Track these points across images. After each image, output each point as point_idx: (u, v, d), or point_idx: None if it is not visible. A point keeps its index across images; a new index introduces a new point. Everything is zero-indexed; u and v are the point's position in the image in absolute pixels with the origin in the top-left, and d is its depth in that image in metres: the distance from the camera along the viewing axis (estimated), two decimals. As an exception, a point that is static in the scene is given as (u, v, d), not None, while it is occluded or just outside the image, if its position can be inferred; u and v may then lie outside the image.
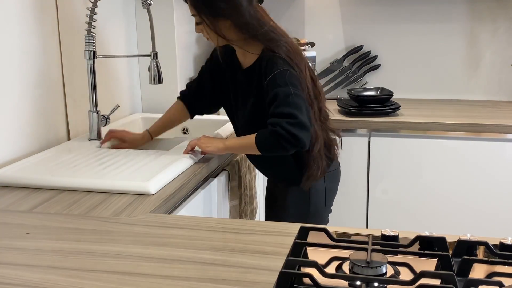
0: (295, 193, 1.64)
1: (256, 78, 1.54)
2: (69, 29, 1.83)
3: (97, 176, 1.40)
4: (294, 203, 1.66)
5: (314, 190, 1.63)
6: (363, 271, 0.86)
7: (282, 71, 1.47)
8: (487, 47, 2.62)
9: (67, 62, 1.83)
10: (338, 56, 2.76)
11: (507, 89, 2.64)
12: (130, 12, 2.25)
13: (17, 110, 1.61)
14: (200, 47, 2.61)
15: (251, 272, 0.90)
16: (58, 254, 0.98)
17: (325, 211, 1.72)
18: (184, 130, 2.18)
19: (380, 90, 2.49)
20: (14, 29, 1.59)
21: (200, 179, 1.53)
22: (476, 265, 0.90)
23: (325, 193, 1.67)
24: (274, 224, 1.12)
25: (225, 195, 1.71)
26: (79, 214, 1.19)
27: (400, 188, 2.29)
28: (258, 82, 1.54)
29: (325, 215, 1.73)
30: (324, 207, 1.70)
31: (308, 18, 2.77)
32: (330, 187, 1.69)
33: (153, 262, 0.94)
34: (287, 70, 1.48)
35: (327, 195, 1.68)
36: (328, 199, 1.70)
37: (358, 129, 2.30)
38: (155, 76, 1.80)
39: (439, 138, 2.22)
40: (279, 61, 1.49)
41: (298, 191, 1.63)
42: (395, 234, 0.99)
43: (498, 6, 2.57)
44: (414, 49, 2.70)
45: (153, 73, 1.80)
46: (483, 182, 2.20)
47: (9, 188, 1.37)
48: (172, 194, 1.33)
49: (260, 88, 1.53)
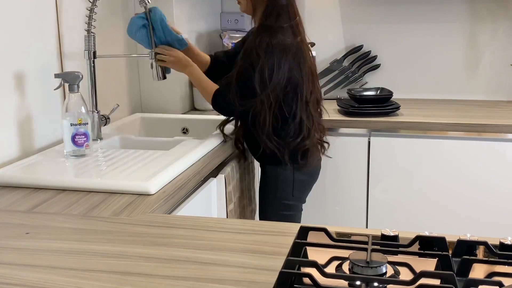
0: (271, 175, 1.81)
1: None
2: (69, 28, 1.83)
3: (97, 176, 1.40)
4: (269, 187, 1.83)
5: (283, 178, 1.79)
6: (363, 271, 0.86)
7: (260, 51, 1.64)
8: (487, 47, 2.62)
9: (67, 62, 1.83)
10: (338, 56, 2.76)
11: (506, 89, 2.64)
12: (129, 12, 2.25)
13: (17, 110, 1.61)
14: (200, 47, 2.61)
15: (251, 272, 0.90)
16: (58, 254, 0.98)
17: (293, 201, 1.84)
18: (184, 130, 2.18)
19: (380, 90, 2.49)
20: (14, 29, 1.59)
21: (200, 179, 1.53)
22: (476, 265, 0.90)
23: (293, 183, 1.80)
24: (274, 224, 1.12)
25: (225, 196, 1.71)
26: (79, 214, 1.19)
27: (400, 188, 2.29)
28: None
29: (294, 205, 1.85)
30: (291, 196, 1.82)
31: (308, 18, 2.77)
32: (300, 179, 1.81)
33: (153, 262, 0.94)
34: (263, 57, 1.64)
35: (295, 185, 1.80)
36: (296, 190, 1.82)
37: (358, 129, 2.30)
38: (158, 73, 1.81)
39: (439, 138, 2.22)
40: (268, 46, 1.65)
41: (272, 174, 1.80)
42: (395, 234, 0.99)
43: (498, 6, 2.57)
44: (414, 49, 2.70)
45: (156, 70, 1.81)
46: (483, 182, 2.20)
47: (9, 188, 1.37)
48: (172, 194, 1.33)
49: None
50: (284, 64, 1.66)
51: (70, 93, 1.55)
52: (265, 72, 1.65)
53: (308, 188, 1.90)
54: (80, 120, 1.54)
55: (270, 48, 1.65)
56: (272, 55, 1.65)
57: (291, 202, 1.83)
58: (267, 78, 1.65)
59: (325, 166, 2.25)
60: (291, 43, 1.69)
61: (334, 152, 2.32)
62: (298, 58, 1.71)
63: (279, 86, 1.67)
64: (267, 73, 1.65)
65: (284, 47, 1.67)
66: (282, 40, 1.67)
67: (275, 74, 1.65)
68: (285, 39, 1.68)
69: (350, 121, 2.29)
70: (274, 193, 1.82)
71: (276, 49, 1.66)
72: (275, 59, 1.65)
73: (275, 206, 1.83)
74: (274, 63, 1.65)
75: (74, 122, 1.54)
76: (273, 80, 1.65)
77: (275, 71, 1.65)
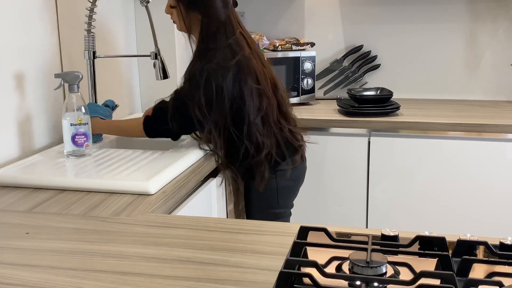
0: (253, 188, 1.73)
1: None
2: (69, 28, 1.83)
3: (97, 176, 1.40)
4: (254, 198, 1.76)
5: (266, 186, 1.70)
6: (363, 271, 0.86)
7: (196, 75, 1.57)
8: (487, 47, 2.62)
9: (67, 62, 1.83)
10: (338, 56, 2.76)
11: (507, 89, 2.64)
12: (129, 12, 2.25)
13: (17, 110, 1.61)
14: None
15: (251, 272, 0.90)
16: (58, 254, 0.98)
17: (279, 208, 1.78)
18: (184, 130, 2.18)
19: (380, 90, 2.49)
20: (14, 28, 1.59)
21: (200, 179, 1.53)
22: (476, 265, 0.90)
23: (278, 191, 1.74)
24: (274, 224, 1.12)
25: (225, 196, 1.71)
26: (79, 214, 1.19)
27: (400, 188, 2.29)
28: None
29: (281, 212, 1.80)
30: (276, 204, 1.76)
31: (308, 18, 2.77)
32: (284, 185, 1.75)
33: (153, 262, 0.94)
34: (201, 86, 1.56)
35: (279, 193, 1.74)
36: (282, 198, 1.76)
37: (358, 129, 2.30)
38: (161, 72, 1.81)
39: (439, 138, 2.22)
40: (203, 74, 1.57)
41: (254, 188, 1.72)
42: (395, 234, 0.99)
43: (498, 6, 2.57)
44: (414, 49, 2.70)
45: (159, 69, 1.81)
46: (483, 182, 2.20)
47: (9, 188, 1.37)
48: (172, 194, 1.33)
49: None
50: (226, 88, 1.57)
51: (70, 93, 1.55)
52: (202, 103, 1.56)
53: (293, 192, 1.83)
54: (80, 120, 1.54)
55: (204, 73, 1.56)
56: (209, 82, 1.56)
57: (277, 210, 1.78)
58: (205, 110, 1.57)
59: (325, 166, 2.26)
60: (228, 65, 1.59)
61: (334, 152, 2.32)
62: (237, 78, 1.60)
63: (223, 113, 1.59)
64: (204, 105, 1.57)
65: (220, 70, 1.57)
66: (217, 64, 1.57)
67: (216, 102, 1.57)
68: (221, 61, 1.58)
69: (350, 121, 2.29)
70: (259, 204, 1.77)
71: (210, 73, 1.56)
72: (213, 87, 1.56)
73: (262, 217, 1.76)
74: (213, 91, 1.56)
75: (74, 122, 1.54)
76: (213, 109, 1.58)
77: (215, 99, 1.57)
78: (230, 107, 1.60)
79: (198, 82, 1.57)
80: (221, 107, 1.58)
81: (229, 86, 1.58)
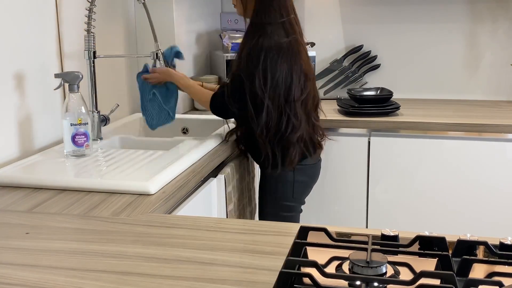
0: (271, 176, 1.78)
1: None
2: (69, 29, 1.83)
3: (97, 176, 1.40)
4: (269, 188, 1.82)
5: (283, 179, 1.78)
6: (363, 271, 0.86)
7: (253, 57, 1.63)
8: (487, 47, 2.62)
9: (67, 62, 1.83)
10: (338, 56, 2.76)
11: (507, 89, 2.64)
12: (129, 12, 2.25)
13: (17, 110, 1.61)
14: (200, 47, 2.61)
15: (251, 272, 0.90)
16: (58, 254, 0.98)
17: (293, 202, 1.83)
18: (184, 130, 2.18)
19: (380, 90, 2.49)
20: (14, 28, 1.59)
21: (200, 179, 1.53)
22: (476, 265, 0.90)
23: (294, 184, 1.79)
24: (274, 224, 1.12)
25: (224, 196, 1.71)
26: (79, 214, 1.19)
27: (400, 188, 2.29)
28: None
29: (294, 206, 1.85)
30: (291, 197, 1.81)
31: (308, 18, 2.77)
32: (300, 180, 1.80)
33: (153, 262, 0.94)
34: (255, 63, 1.63)
35: (295, 187, 1.80)
36: (296, 192, 1.82)
37: (358, 129, 2.30)
38: None
39: (439, 138, 2.22)
40: (257, 49, 1.63)
41: (272, 177, 1.78)
42: (395, 234, 0.99)
43: (498, 6, 2.57)
44: (414, 49, 2.70)
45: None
46: (483, 182, 2.20)
47: (9, 188, 1.37)
48: (172, 194, 1.33)
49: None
50: (279, 65, 1.65)
51: (70, 93, 1.55)
52: (260, 79, 1.64)
53: (308, 189, 1.89)
54: (80, 120, 1.54)
55: (260, 51, 1.63)
56: (265, 59, 1.63)
57: (291, 203, 1.83)
58: (262, 86, 1.64)
59: (325, 166, 2.25)
60: (282, 42, 1.66)
61: (334, 152, 2.32)
62: (289, 57, 1.67)
63: (278, 89, 1.66)
64: (261, 81, 1.64)
65: (274, 47, 1.64)
66: (271, 40, 1.65)
67: (270, 80, 1.64)
68: (275, 38, 1.65)
69: (350, 121, 2.29)
70: (274, 194, 1.82)
71: (266, 51, 1.63)
72: (268, 64, 1.63)
73: (275, 207, 1.82)
74: (267, 68, 1.64)
75: (74, 122, 1.54)
76: (268, 87, 1.64)
77: (269, 77, 1.64)
78: (282, 84, 1.66)
79: (255, 60, 1.63)
80: (275, 84, 1.65)
81: (282, 64, 1.65)
